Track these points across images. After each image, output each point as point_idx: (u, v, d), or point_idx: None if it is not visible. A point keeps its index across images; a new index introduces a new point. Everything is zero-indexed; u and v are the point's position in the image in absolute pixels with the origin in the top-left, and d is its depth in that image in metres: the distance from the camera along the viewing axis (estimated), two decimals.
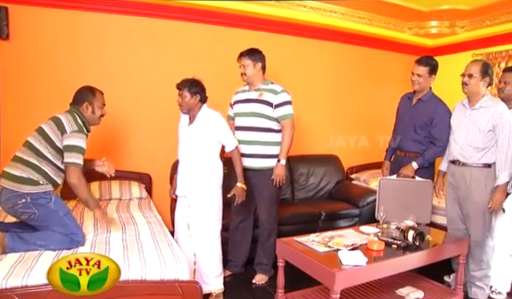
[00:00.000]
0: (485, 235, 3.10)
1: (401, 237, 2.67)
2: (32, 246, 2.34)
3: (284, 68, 4.64)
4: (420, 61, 3.48)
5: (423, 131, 3.43)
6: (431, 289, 3.00)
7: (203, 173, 3.03)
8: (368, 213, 4.17)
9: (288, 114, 3.32)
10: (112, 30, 4.05)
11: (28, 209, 2.44)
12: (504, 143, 2.95)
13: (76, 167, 2.51)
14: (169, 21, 4.24)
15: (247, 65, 3.34)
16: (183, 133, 3.10)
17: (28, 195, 2.43)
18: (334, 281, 2.16)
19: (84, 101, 2.72)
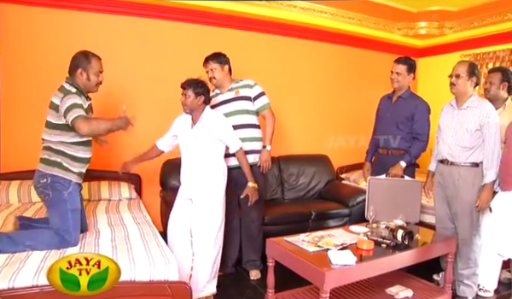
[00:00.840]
0: (472, 233, 3.13)
1: (390, 237, 2.68)
2: (20, 246, 2.32)
3: (274, 68, 4.66)
4: (398, 60, 3.61)
5: (405, 126, 3.52)
6: (420, 287, 3.02)
7: (209, 175, 3.00)
8: (358, 213, 4.19)
9: (266, 104, 3.47)
10: (103, 29, 4.03)
11: (45, 190, 2.52)
12: (491, 142, 2.98)
13: (79, 119, 2.43)
14: (159, 21, 4.23)
15: (214, 69, 3.39)
16: (186, 135, 3.04)
17: (50, 176, 2.51)
18: (324, 281, 2.16)
19: (78, 67, 2.62)
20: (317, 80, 5.26)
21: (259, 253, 3.49)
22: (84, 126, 2.44)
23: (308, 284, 2.71)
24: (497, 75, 3.37)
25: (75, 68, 2.62)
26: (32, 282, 1.96)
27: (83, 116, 2.45)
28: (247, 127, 3.42)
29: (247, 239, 3.56)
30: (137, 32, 4.14)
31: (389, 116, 3.63)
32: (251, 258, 3.55)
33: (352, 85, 5.55)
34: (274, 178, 4.63)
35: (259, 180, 3.41)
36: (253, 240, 3.53)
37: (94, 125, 2.49)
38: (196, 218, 2.98)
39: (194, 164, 3.00)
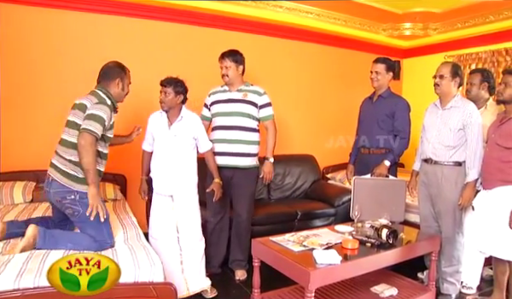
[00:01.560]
0: (455, 232, 3.16)
1: (375, 236, 2.71)
2: (62, 245, 2.39)
3: (260, 68, 4.65)
4: (377, 59, 3.67)
5: (386, 124, 3.56)
6: (405, 285, 3.05)
7: (187, 172, 3.07)
8: (343, 213, 4.22)
9: (271, 115, 3.51)
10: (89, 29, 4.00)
11: (74, 206, 2.50)
12: (473, 141, 3.02)
13: (89, 133, 2.42)
14: (145, 21, 4.21)
15: (229, 67, 3.39)
16: (163, 132, 3.05)
17: (78, 193, 2.49)
18: (309, 280, 2.17)
19: (117, 77, 2.70)
20: (302, 81, 5.28)
21: (246, 253, 3.49)
22: (83, 139, 2.42)
23: (294, 283, 2.71)
24: (477, 76, 3.43)
25: (112, 78, 2.69)
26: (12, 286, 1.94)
27: (94, 135, 2.44)
28: (247, 130, 3.43)
29: (236, 239, 3.57)
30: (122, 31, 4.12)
31: (370, 115, 3.67)
32: (237, 258, 3.56)
33: (338, 85, 5.59)
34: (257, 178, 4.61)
35: (252, 183, 3.53)
36: (242, 240, 3.53)
37: (89, 151, 2.42)
38: (181, 214, 3.03)
39: (173, 161, 3.03)
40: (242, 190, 3.45)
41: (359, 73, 5.54)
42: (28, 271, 2.06)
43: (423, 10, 5.20)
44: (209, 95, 3.57)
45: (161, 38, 4.30)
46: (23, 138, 3.80)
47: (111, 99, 2.65)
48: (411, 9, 5.21)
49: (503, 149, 2.82)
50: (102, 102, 2.56)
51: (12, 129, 3.75)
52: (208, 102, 3.56)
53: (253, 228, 3.70)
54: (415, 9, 5.20)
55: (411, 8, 5.19)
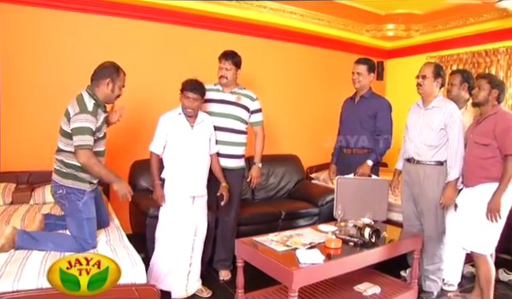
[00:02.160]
0: (437, 230, 3.20)
1: (358, 235, 2.72)
2: (42, 246, 2.43)
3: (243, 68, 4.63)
4: (358, 60, 3.68)
5: (368, 125, 3.59)
6: (387, 284, 3.08)
7: (206, 172, 3.18)
8: (327, 212, 4.22)
9: (261, 121, 3.59)
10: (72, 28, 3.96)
11: (62, 200, 2.60)
12: (454, 141, 3.07)
13: (82, 149, 2.47)
14: (128, 20, 4.16)
15: (230, 69, 3.38)
16: (186, 134, 3.05)
17: (65, 187, 2.58)
18: (292, 280, 2.17)
19: (108, 76, 2.65)
20: (286, 81, 5.29)
21: (231, 254, 3.45)
22: (82, 158, 2.47)
23: (278, 283, 2.72)
24: (457, 77, 3.49)
25: (103, 77, 2.64)
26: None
27: (87, 147, 2.48)
28: (237, 133, 3.44)
29: (221, 239, 3.55)
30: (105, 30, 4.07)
31: (352, 116, 3.69)
32: (222, 258, 3.55)
33: (322, 85, 5.62)
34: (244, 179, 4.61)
35: (240, 184, 3.55)
36: (227, 240, 3.51)
37: (92, 164, 2.50)
38: (199, 215, 3.11)
39: (197, 162, 3.08)
40: (232, 192, 3.42)
41: (343, 74, 5.55)
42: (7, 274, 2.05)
43: (405, 12, 5.27)
44: None
45: (145, 37, 4.26)
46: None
47: (96, 100, 2.60)
48: (394, 11, 5.28)
49: (480, 146, 2.89)
50: (83, 110, 2.50)
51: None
52: None
53: (238, 228, 3.69)
54: (397, 11, 5.28)
55: (394, 10, 5.26)
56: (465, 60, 5.21)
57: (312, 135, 5.34)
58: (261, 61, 4.98)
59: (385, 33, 5.68)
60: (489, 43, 4.95)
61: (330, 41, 5.52)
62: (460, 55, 5.27)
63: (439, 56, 5.50)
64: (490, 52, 4.92)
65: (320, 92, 5.60)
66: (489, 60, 4.93)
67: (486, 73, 3.06)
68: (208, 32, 4.56)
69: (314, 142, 5.25)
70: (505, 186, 2.77)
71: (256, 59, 4.93)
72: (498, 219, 2.79)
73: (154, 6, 4.15)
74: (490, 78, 2.96)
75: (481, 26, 4.93)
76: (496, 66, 4.82)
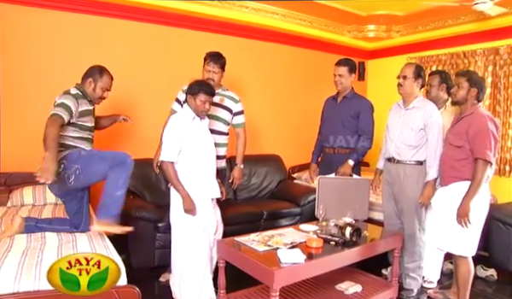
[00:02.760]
0: (417, 229, 3.25)
1: (339, 234, 2.73)
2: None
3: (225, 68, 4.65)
4: (339, 62, 3.68)
5: (350, 125, 3.60)
6: (369, 282, 3.10)
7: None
8: (309, 212, 4.24)
9: (243, 123, 3.60)
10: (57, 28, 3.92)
11: (70, 170, 2.64)
12: (433, 141, 3.11)
13: (53, 116, 2.55)
14: (110, 19, 4.11)
15: (217, 72, 3.36)
16: (204, 136, 2.97)
17: (62, 159, 2.64)
18: (273, 280, 2.17)
19: (89, 77, 2.87)
20: (268, 81, 5.30)
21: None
22: (49, 121, 2.52)
23: (260, 283, 2.71)
24: (436, 78, 3.54)
25: (87, 77, 2.88)
26: None
27: (59, 118, 2.56)
28: (219, 134, 3.41)
29: None
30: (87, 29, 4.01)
31: (335, 116, 3.70)
32: None
33: (304, 85, 5.64)
34: (226, 179, 4.59)
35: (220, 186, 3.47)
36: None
37: (52, 126, 2.51)
38: (218, 216, 3.12)
39: (213, 164, 3.06)
40: None
41: (325, 74, 5.58)
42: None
43: (386, 13, 5.34)
44: (183, 91, 3.36)
45: (127, 36, 4.21)
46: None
47: (82, 92, 2.82)
48: (375, 12, 5.33)
49: (454, 147, 2.92)
50: (66, 93, 2.73)
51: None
52: (182, 99, 3.37)
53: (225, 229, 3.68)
54: (378, 12, 5.34)
55: (375, 11, 5.32)
56: (444, 61, 5.30)
57: (294, 135, 5.36)
58: (243, 62, 4.97)
59: (366, 34, 5.74)
60: (467, 45, 5.04)
61: (312, 41, 5.55)
62: (439, 57, 5.36)
63: (419, 57, 5.59)
64: (468, 53, 5.02)
65: (302, 92, 5.62)
66: (467, 61, 5.03)
67: (465, 71, 3.06)
68: (190, 32, 4.53)
69: (296, 142, 5.27)
70: (474, 191, 2.77)
71: (238, 59, 4.90)
72: (475, 222, 2.82)
73: (136, 5, 4.11)
74: (469, 76, 2.94)
75: (459, 28, 5.03)
76: (474, 67, 4.91)
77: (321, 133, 3.89)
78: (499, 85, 4.73)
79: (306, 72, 5.66)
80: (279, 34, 5.18)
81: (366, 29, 5.69)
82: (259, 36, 5.07)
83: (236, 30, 4.83)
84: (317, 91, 5.45)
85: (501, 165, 4.71)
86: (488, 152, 2.74)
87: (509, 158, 4.65)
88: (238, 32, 4.87)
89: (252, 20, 4.80)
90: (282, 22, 5.03)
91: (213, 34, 4.67)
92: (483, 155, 2.74)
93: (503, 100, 4.70)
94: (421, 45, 5.58)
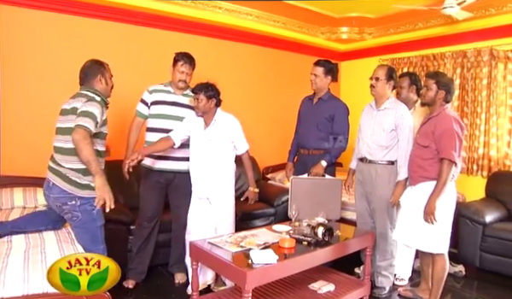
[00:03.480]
0: (389, 228, 3.31)
1: (312, 234, 2.75)
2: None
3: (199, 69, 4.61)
4: (317, 62, 3.71)
5: (325, 127, 3.62)
6: (341, 281, 3.14)
7: (224, 175, 3.16)
8: (283, 212, 4.26)
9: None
10: (23, 26, 3.81)
11: (74, 211, 2.53)
12: (404, 141, 3.18)
13: (81, 128, 2.39)
14: (81, 18, 4.02)
15: (190, 74, 3.36)
16: (199, 136, 3.11)
17: (79, 199, 2.51)
18: (246, 280, 2.17)
19: (97, 74, 2.68)
20: (242, 82, 5.29)
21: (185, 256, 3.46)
22: (78, 133, 2.37)
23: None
24: (406, 80, 3.61)
25: (93, 76, 2.67)
26: None
27: (87, 130, 2.41)
28: None
29: (176, 242, 3.50)
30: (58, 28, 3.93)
31: (310, 117, 3.71)
32: (177, 261, 3.50)
33: (277, 86, 5.66)
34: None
35: (188, 186, 3.43)
36: (182, 243, 3.47)
37: (85, 144, 2.38)
38: (219, 216, 3.12)
39: (209, 165, 3.10)
40: (184, 194, 3.38)
41: (299, 75, 5.67)
42: None
43: (358, 15, 5.43)
44: (150, 92, 3.39)
45: (99, 37, 4.12)
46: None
47: (100, 96, 2.63)
48: (347, 14, 5.42)
49: (421, 147, 3.00)
50: (92, 99, 2.54)
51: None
52: (148, 100, 3.38)
53: None
54: (350, 14, 5.42)
55: (347, 13, 5.40)
56: (415, 63, 5.41)
57: (268, 136, 5.37)
58: (217, 63, 4.95)
59: (339, 36, 5.80)
60: (436, 48, 5.16)
61: (286, 43, 5.57)
62: (410, 59, 5.47)
63: (391, 59, 5.68)
64: (437, 56, 5.13)
65: (276, 93, 5.64)
66: (437, 63, 5.14)
67: (434, 73, 3.11)
68: (163, 32, 4.48)
69: (270, 142, 5.28)
70: (440, 190, 2.84)
71: (212, 60, 4.90)
72: (443, 220, 2.90)
73: (107, 5, 4.04)
74: (437, 78, 3.00)
75: (429, 31, 5.14)
76: (443, 69, 5.03)
77: (297, 132, 3.90)
78: (467, 86, 4.85)
79: (281, 73, 5.68)
80: (253, 35, 5.18)
81: (339, 31, 5.76)
82: (233, 37, 5.06)
83: (210, 31, 4.80)
84: (292, 92, 5.50)
85: (469, 164, 4.83)
86: (453, 152, 2.82)
87: (476, 157, 4.78)
88: (211, 33, 4.85)
89: (225, 21, 4.78)
90: (255, 23, 5.03)
91: (186, 35, 4.64)
92: (448, 155, 2.82)
93: (470, 101, 4.82)
94: (392, 47, 5.68)
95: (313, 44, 5.83)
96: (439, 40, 5.14)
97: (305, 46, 5.78)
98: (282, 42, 5.51)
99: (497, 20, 4.54)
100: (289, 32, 5.43)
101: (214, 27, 4.80)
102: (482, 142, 4.72)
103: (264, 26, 5.12)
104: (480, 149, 4.74)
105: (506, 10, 4.39)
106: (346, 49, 6.26)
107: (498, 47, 4.57)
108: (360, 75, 4.66)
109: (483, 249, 3.84)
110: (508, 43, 4.52)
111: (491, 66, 4.62)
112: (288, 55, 5.72)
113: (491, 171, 4.63)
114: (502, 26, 4.54)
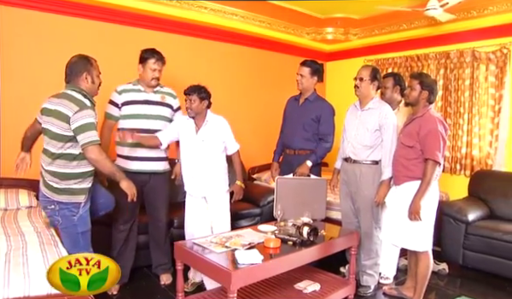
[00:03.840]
0: (373, 227, 3.34)
1: (297, 234, 2.75)
2: None
3: (184, 70, 4.61)
4: (303, 62, 3.71)
5: (311, 128, 3.62)
6: (327, 280, 3.16)
7: (218, 174, 3.25)
8: (268, 212, 4.26)
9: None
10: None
11: (54, 216, 2.53)
12: (388, 141, 3.21)
13: (92, 145, 2.41)
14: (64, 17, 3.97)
15: (161, 70, 3.31)
16: (191, 137, 3.18)
17: (58, 203, 2.48)
18: (231, 281, 2.17)
19: (83, 71, 2.55)
20: (227, 82, 5.28)
21: (169, 256, 3.45)
22: (94, 153, 2.41)
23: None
24: (390, 80, 3.64)
25: (79, 73, 2.54)
26: None
27: (97, 143, 2.43)
28: None
29: (155, 244, 3.48)
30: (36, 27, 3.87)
31: (296, 118, 3.71)
32: (161, 262, 3.48)
33: (263, 86, 5.66)
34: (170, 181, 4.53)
35: (168, 187, 3.49)
36: (162, 244, 3.47)
37: (103, 159, 2.46)
38: (214, 214, 3.24)
39: (203, 165, 3.18)
40: (161, 195, 3.39)
41: (285, 75, 5.69)
42: None
43: (344, 16, 5.46)
44: (119, 92, 3.27)
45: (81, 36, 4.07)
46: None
47: (87, 96, 2.53)
48: (332, 15, 5.44)
49: (406, 147, 3.03)
50: (83, 107, 2.43)
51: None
52: (119, 101, 3.27)
53: (178, 231, 3.64)
54: (336, 15, 5.45)
55: (332, 14, 5.42)
56: (399, 63, 5.47)
57: (254, 136, 5.37)
58: (201, 62, 4.93)
59: (324, 36, 5.83)
60: (420, 49, 5.23)
61: (271, 43, 5.58)
62: (394, 59, 5.53)
63: (376, 60, 5.74)
64: (421, 57, 5.20)
65: (262, 94, 5.64)
66: (420, 64, 5.21)
67: (418, 73, 3.13)
68: (147, 32, 4.44)
69: (256, 143, 5.28)
70: (424, 190, 2.88)
71: (196, 60, 4.88)
72: (426, 218, 2.93)
73: (90, 3, 4.00)
74: (421, 78, 3.02)
75: (413, 32, 5.21)
76: (427, 69, 5.10)
77: (282, 132, 3.90)
78: (450, 87, 4.93)
79: (266, 73, 5.68)
80: (238, 35, 5.18)
81: (324, 31, 5.78)
82: (218, 37, 5.04)
83: (195, 30, 4.78)
84: (277, 93, 5.51)
85: (452, 163, 4.90)
86: (437, 153, 2.85)
87: (459, 157, 4.85)
88: (197, 33, 4.82)
89: (211, 21, 4.77)
90: (241, 23, 5.03)
91: (171, 34, 4.61)
92: (432, 155, 2.86)
93: (453, 102, 4.89)
94: (377, 48, 5.73)
95: (298, 45, 5.85)
96: (422, 41, 5.20)
97: (291, 46, 5.79)
98: (267, 42, 5.52)
99: (479, 23, 4.63)
100: (275, 32, 5.44)
101: (199, 27, 4.78)
102: (465, 142, 4.79)
103: (249, 26, 5.12)
104: (463, 148, 4.81)
105: (487, 13, 4.48)
106: (332, 49, 6.29)
107: (480, 49, 4.66)
108: (345, 76, 4.68)
109: (466, 247, 3.90)
110: (489, 45, 4.60)
111: (474, 67, 4.70)
112: (273, 56, 5.72)
113: (474, 170, 4.69)
114: (483, 28, 4.63)
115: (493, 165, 4.58)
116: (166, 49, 3.40)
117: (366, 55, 5.86)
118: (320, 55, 6.25)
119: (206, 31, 4.87)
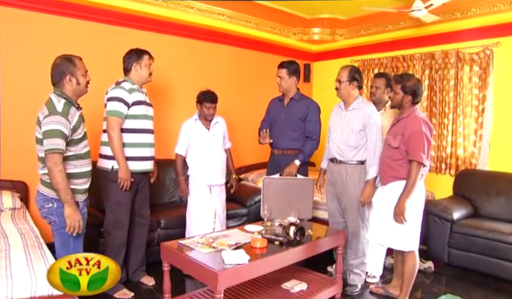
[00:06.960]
0: (360, 226, 3.36)
1: (283, 234, 2.76)
2: None
3: (170, 70, 4.58)
4: (280, 64, 3.73)
5: (299, 127, 3.64)
6: (314, 280, 3.17)
7: (223, 164, 3.78)
8: (255, 212, 4.26)
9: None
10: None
11: (51, 215, 2.47)
12: (372, 141, 3.23)
13: (52, 153, 2.31)
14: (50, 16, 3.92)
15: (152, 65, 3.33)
16: (203, 134, 3.67)
17: (56, 201, 2.44)
18: (217, 281, 2.16)
19: (66, 74, 2.45)
20: (214, 82, 5.22)
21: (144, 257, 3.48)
22: (50, 161, 2.32)
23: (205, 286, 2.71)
24: (382, 81, 3.64)
25: (62, 76, 2.45)
26: None
27: (58, 151, 2.33)
28: (152, 133, 3.35)
29: (137, 245, 3.40)
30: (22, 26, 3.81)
31: (283, 118, 3.70)
32: (141, 264, 3.45)
33: (250, 86, 5.66)
34: (171, 181, 4.53)
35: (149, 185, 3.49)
36: (142, 244, 3.43)
37: (57, 171, 2.33)
38: (218, 202, 3.70)
39: (213, 157, 3.67)
40: (147, 193, 3.40)
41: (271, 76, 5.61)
42: None
43: (330, 17, 5.48)
44: (128, 91, 3.15)
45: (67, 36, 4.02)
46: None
47: (66, 99, 2.43)
48: (319, 15, 5.46)
49: (391, 148, 3.04)
50: (52, 112, 2.36)
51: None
52: (129, 101, 3.14)
53: (165, 232, 3.63)
54: (322, 15, 5.47)
55: (319, 14, 5.44)
56: (385, 64, 5.51)
57: (240, 136, 5.35)
58: (188, 62, 4.91)
59: (311, 37, 5.85)
60: (406, 50, 5.28)
61: (258, 43, 5.58)
62: (381, 60, 5.57)
63: (362, 60, 5.78)
64: (407, 57, 5.25)
65: (248, 94, 5.63)
66: (406, 64, 5.26)
67: (400, 77, 3.08)
68: (134, 32, 4.40)
69: (242, 143, 5.27)
70: (409, 191, 2.90)
71: (182, 60, 4.86)
72: (413, 218, 2.96)
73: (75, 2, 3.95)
74: (403, 83, 3.01)
75: (399, 33, 5.25)
76: (412, 70, 5.14)
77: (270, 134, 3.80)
78: (435, 87, 4.98)
79: (253, 73, 5.68)
80: (225, 35, 5.17)
81: (311, 32, 5.81)
82: (205, 37, 5.02)
83: (181, 30, 4.76)
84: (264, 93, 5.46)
85: (438, 163, 4.96)
86: (422, 154, 2.88)
87: (444, 156, 4.90)
88: (183, 33, 4.80)
89: (197, 21, 4.74)
90: (228, 24, 5.01)
91: (158, 34, 4.58)
92: (417, 157, 2.88)
93: (438, 102, 4.95)
94: (363, 49, 5.77)
95: (285, 45, 5.86)
96: (408, 42, 5.26)
97: (278, 47, 5.80)
98: (254, 42, 5.52)
99: (463, 24, 4.69)
100: (261, 32, 5.44)
101: (186, 27, 4.75)
102: (450, 141, 4.85)
103: (236, 26, 5.12)
104: (448, 148, 4.87)
105: (470, 15, 4.54)
106: (318, 49, 6.32)
107: (464, 50, 4.72)
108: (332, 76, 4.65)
109: (451, 246, 3.95)
110: (472, 47, 4.67)
111: (458, 68, 4.76)
112: (260, 56, 5.72)
113: (459, 169, 4.75)
114: (467, 29, 4.70)
115: (477, 164, 4.65)
116: (152, 49, 3.38)
117: (352, 56, 5.90)
118: (307, 55, 6.27)
119: (193, 31, 4.85)
